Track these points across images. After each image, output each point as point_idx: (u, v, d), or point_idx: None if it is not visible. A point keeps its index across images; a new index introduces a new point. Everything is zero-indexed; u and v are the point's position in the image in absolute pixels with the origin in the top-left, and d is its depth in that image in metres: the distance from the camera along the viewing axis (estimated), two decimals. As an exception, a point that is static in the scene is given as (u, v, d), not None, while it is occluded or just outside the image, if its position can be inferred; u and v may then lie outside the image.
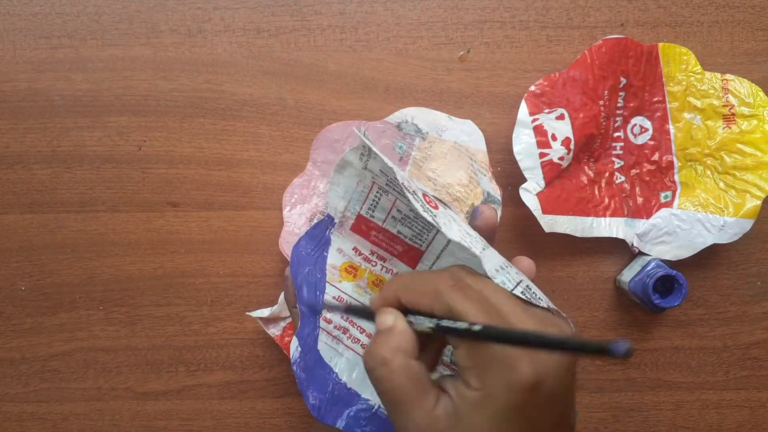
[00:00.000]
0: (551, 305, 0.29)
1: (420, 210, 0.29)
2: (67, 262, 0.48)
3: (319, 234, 0.35)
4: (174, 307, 0.48)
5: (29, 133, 0.47)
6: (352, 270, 0.36)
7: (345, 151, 0.46)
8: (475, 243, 0.30)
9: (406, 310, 0.28)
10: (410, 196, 0.29)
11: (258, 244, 0.48)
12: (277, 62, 0.47)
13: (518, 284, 0.29)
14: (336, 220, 0.35)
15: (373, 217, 0.35)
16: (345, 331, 0.35)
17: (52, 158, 0.47)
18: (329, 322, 0.35)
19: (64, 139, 0.47)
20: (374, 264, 0.36)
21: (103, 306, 0.48)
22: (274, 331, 0.46)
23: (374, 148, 0.30)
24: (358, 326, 0.35)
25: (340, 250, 0.35)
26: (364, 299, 0.36)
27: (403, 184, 0.29)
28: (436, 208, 0.31)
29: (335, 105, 0.47)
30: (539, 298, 0.29)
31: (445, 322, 0.26)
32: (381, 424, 0.34)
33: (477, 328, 0.24)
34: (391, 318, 0.28)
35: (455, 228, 0.30)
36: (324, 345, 0.34)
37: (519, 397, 0.24)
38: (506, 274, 0.29)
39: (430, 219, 0.29)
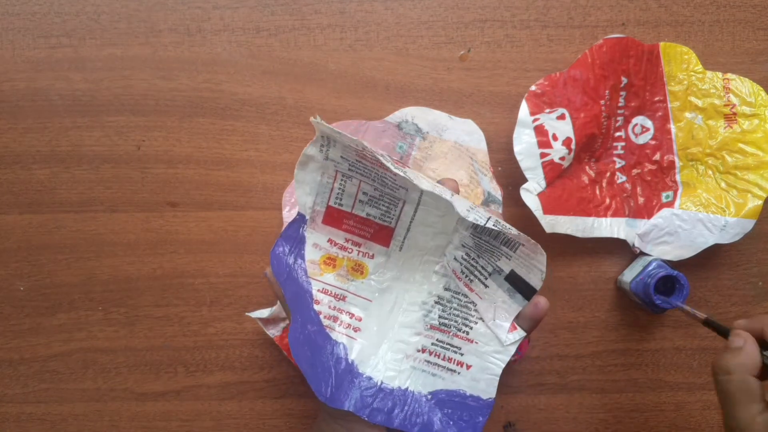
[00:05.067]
0: (521, 234, 0.31)
1: (392, 167, 0.31)
2: (65, 262, 0.48)
3: (293, 234, 0.36)
4: (173, 307, 0.48)
5: (28, 132, 0.47)
6: (330, 261, 0.37)
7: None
8: (443, 191, 0.32)
9: (763, 343, 0.34)
10: (381, 158, 0.31)
11: (257, 244, 0.48)
12: (277, 61, 0.47)
13: (489, 219, 0.31)
14: (307, 217, 0.36)
15: (341, 205, 0.36)
16: (335, 319, 0.36)
17: (50, 158, 0.47)
18: (319, 313, 0.36)
19: (63, 139, 0.47)
20: (350, 251, 0.37)
21: (102, 306, 0.48)
22: (273, 331, 0.46)
23: (330, 128, 0.32)
24: (347, 312, 0.36)
25: (316, 244, 0.36)
26: (348, 286, 0.37)
27: (373, 151, 0.31)
28: (405, 167, 0.33)
29: (335, 104, 0.47)
30: (509, 228, 0.31)
31: None
32: (386, 396, 0.35)
33: None
34: (741, 341, 0.34)
35: (424, 181, 0.32)
36: (319, 333, 0.35)
37: None
38: (476, 212, 0.32)
39: (401, 174, 0.31)
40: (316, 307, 0.36)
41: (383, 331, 0.37)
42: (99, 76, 0.47)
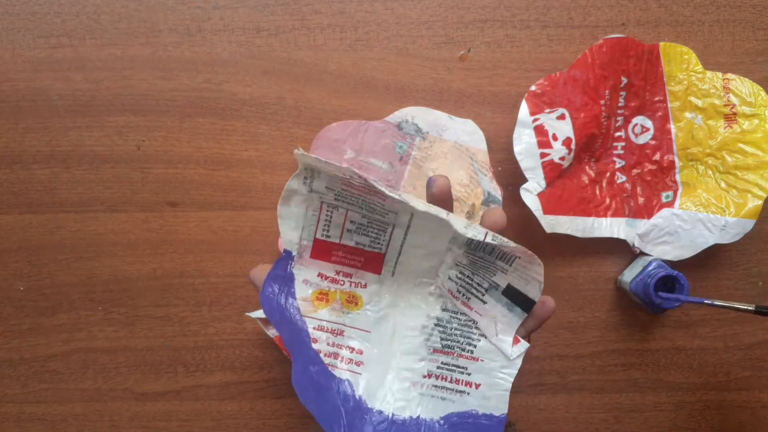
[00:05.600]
0: (519, 246, 0.31)
1: (387, 191, 0.31)
2: (65, 262, 0.48)
3: (281, 273, 0.35)
4: (173, 307, 0.48)
5: (28, 132, 0.47)
6: (322, 296, 0.36)
7: (345, 151, 0.46)
8: (439, 211, 0.32)
9: None
10: (374, 183, 0.31)
11: (257, 244, 0.48)
12: (277, 61, 0.47)
13: (486, 234, 0.31)
14: (294, 253, 0.35)
15: (329, 236, 0.35)
16: (336, 356, 0.35)
17: (50, 158, 0.47)
18: (319, 351, 0.35)
19: (63, 139, 0.47)
20: (342, 283, 0.36)
21: (102, 306, 0.48)
22: (273, 331, 0.46)
23: (315, 158, 0.31)
24: (347, 346, 0.36)
25: (306, 281, 0.35)
26: (344, 319, 0.36)
27: (365, 177, 0.31)
28: (396, 190, 0.33)
29: (335, 104, 0.47)
30: (507, 241, 0.31)
31: None
32: (400, 428, 0.34)
33: None
34: None
35: (420, 203, 0.32)
36: (322, 373, 0.35)
37: None
38: (474, 228, 0.32)
39: (396, 196, 0.31)
40: (314, 345, 0.35)
41: (386, 361, 0.36)
42: (99, 76, 0.47)
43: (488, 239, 0.31)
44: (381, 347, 0.36)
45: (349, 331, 0.36)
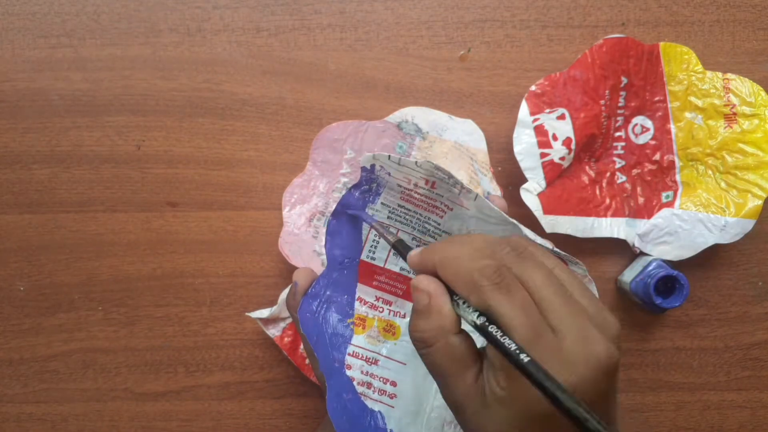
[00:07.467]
0: (578, 261, 0.31)
1: (464, 182, 0.30)
2: (65, 262, 0.48)
3: (320, 292, 0.34)
4: (173, 307, 0.48)
5: (28, 132, 0.47)
6: (360, 322, 0.35)
7: (345, 151, 0.46)
8: (514, 222, 0.32)
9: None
10: (455, 175, 0.30)
11: (257, 244, 0.48)
12: (277, 61, 0.47)
13: (553, 247, 0.31)
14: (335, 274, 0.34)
15: (374, 259, 0.34)
16: (369, 385, 0.34)
17: (50, 158, 0.47)
18: (352, 379, 0.34)
19: (63, 139, 0.47)
20: (381, 310, 0.35)
21: (102, 306, 0.48)
22: (273, 331, 0.46)
23: (388, 156, 0.30)
24: (380, 377, 0.35)
25: None
26: (380, 348, 0.35)
27: (450, 174, 0.30)
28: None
29: (335, 104, 0.47)
30: (570, 256, 0.31)
31: (491, 329, 0.23)
32: None
33: (524, 359, 0.22)
34: (425, 298, 0.26)
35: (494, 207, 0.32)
36: (355, 401, 0.34)
37: (542, 408, 0.23)
38: (541, 239, 0.31)
39: (472, 189, 0.31)
40: (348, 372, 0.34)
41: (420, 396, 0.35)
42: (99, 76, 0.47)
43: (556, 250, 0.30)
44: (416, 381, 0.35)
45: (385, 361, 0.35)
